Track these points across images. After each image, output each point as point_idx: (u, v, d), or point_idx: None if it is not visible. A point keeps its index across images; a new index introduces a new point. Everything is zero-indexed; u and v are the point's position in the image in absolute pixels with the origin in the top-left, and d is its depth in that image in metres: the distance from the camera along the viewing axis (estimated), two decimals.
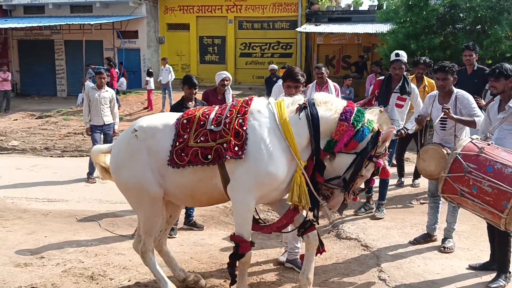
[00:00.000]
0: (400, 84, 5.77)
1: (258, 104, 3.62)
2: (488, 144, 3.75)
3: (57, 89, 21.71)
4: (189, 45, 21.14)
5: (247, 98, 3.69)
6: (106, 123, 8.01)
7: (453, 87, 4.70)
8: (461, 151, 3.70)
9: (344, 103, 3.60)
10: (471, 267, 4.32)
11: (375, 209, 5.93)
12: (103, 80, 7.97)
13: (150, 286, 4.20)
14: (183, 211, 5.46)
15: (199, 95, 5.87)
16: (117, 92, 16.66)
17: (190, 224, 5.81)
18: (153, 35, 21.06)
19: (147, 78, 16.42)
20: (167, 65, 16.12)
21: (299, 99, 3.65)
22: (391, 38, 13.42)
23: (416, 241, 4.98)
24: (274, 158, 3.40)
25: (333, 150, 3.47)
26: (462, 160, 3.65)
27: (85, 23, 18.37)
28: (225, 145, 3.42)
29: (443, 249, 4.76)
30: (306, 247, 3.82)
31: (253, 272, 4.44)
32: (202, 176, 3.55)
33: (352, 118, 3.46)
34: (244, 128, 3.44)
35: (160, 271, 3.94)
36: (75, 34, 19.33)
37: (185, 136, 3.57)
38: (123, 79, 18.22)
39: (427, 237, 5.00)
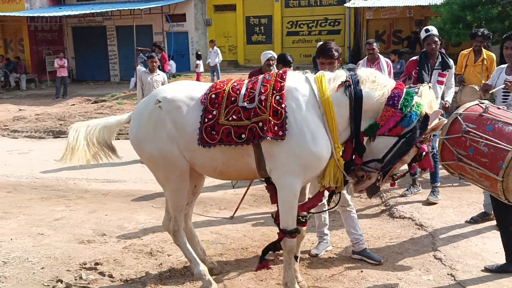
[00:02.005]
0: (440, 60, 5.57)
1: (296, 79, 3.36)
2: (498, 108, 3.42)
3: (110, 74, 22.45)
4: (235, 26, 21.17)
5: (280, 72, 3.43)
6: None
7: None
8: (463, 111, 3.42)
9: (393, 83, 3.34)
10: (487, 269, 3.91)
11: (429, 192, 5.73)
12: (154, 64, 8.16)
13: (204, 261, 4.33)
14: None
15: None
16: (168, 76, 17.04)
17: None
18: (201, 17, 21.22)
19: (197, 62, 16.61)
20: (215, 47, 16.24)
21: (342, 75, 3.36)
22: (445, 9, 12.82)
23: (473, 220, 4.84)
24: (318, 138, 3.20)
25: (375, 134, 3.27)
26: (461, 121, 3.36)
27: (135, 8, 18.78)
28: (260, 124, 3.20)
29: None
30: None
31: (280, 267, 4.11)
32: (233, 154, 3.37)
33: (400, 102, 3.20)
34: (283, 105, 3.20)
35: (192, 252, 3.80)
36: (125, 20, 19.82)
37: (214, 112, 3.34)
38: (172, 62, 18.55)
39: (484, 216, 4.84)
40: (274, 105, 3.22)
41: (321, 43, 4.41)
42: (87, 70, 22.47)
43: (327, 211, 4.43)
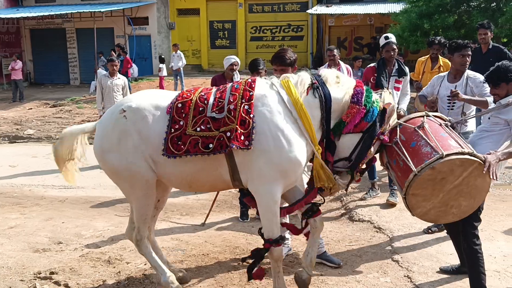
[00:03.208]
0: (396, 67, 5.75)
1: (263, 87, 3.37)
2: (440, 124, 3.45)
3: (70, 77, 21.94)
4: (199, 30, 21.11)
5: (249, 80, 3.42)
6: None
7: None
8: (404, 121, 3.51)
9: (353, 82, 3.48)
10: (442, 271, 4.01)
11: (388, 194, 5.86)
12: (115, 67, 8.00)
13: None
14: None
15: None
16: (129, 80, 16.76)
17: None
18: (164, 21, 21.04)
19: (160, 65, 16.43)
20: (178, 51, 16.11)
21: (306, 77, 3.41)
22: (403, 18, 13.25)
23: (431, 231, 4.82)
24: (294, 144, 3.22)
25: (341, 132, 3.37)
26: (398, 130, 3.46)
27: (96, 10, 18.41)
28: (228, 133, 3.18)
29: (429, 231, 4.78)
30: (311, 232, 3.69)
31: (241, 273, 4.13)
32: (203, 166, 3.32)
33: (363, 99, 3.35)
34: (251, 115, 3.20)
35: (157, 260, 3.72)
36: (86, 22, 19.43)
37: (181, 123, 3.29)
38: (134, 66, 18.27)
39: (440, 225, 4.91)
40: (243, 114, 3.21)
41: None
42: (46, 73, 21.87)
43: (287, 217, 4.46)
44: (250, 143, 3.16)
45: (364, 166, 3.60)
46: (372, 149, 3.42)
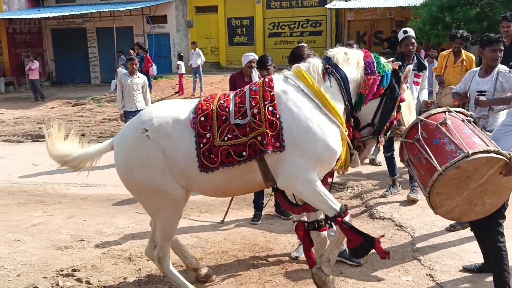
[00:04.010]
0: (415, 61, 5.68)
1: (281, 83, 3.32)
2: (463, 120, 3.36)
3: (91, 76, 22.24)
4: (217, 27, 21.14)
5: (266, 80, 3.36)
6: (138, 108, 8.07)
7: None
8: (424, 117, 3.42)
9: (361, 53, 3.43)
10: (465, 269, 3.94)
11: (409, 190, 5.78)
12: (134, 66, 8.05)
13: (185, 266, 4.28)
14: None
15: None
16: (150, 78, 16.91)
17: (280, 211, 5.56)
18: (182, 19, 21.14)
19: (178, 62, 16.52)
20: (197, 49, 16.16)
21: (318, 63, 3.36)
22: (424, 11, 13.02)
23: (453, 228, 4.74)
24: (326, 132, 3.17)
25: (363, 104, 3.36)
26: (419, 127, 3.39)
27: (115, 9, 18.60)
28: (259, 138, 3.13)
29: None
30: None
31: (260, 270, 4.14)
32: (235, 173, 3.25)
33: (375, 68, 3.34)
34: (277, 116, 3.15)
35: (180, 277, 3.67)
36: (106, 22, 19.64)
37: (208, 136, 3.21)
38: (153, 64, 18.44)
39: (464, 222, 4.82)
40: (269, 116, 3.15)
41: (304, 44, 4.37)
42: (67, 73, 22.22)
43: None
44: (281, 144, 3.13)
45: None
46: (395, 111, 3.44)
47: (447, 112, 3.39)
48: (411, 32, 5.72)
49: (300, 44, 4.53)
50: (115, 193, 6.83)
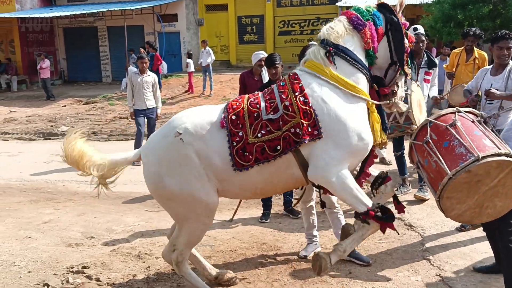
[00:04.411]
0: (425, 58, 5.66)
1: (304, 75, 3.34)
2: (473, 121, 3.31)
3: (102, 75, 22.36)
4: (227, 26, 21.12)
5: (291, 74, 3.39)
6: (148, 107, 8.15)
7: (509, 59, 4.42)
8: (434, 119, 3.38)
9: (343, 18, 3.41)
10: (476, 270, 3.91)
11: (417, 189, 5.76)
12: (144, 64, 8.10)
13: (193, 265, 4.29)
14: None
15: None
16: (160, 77, 16.98)
17: (288, 210, 5.58)
18: (192, 17, 21.17)
19: (188, 61, 16.56)
20: (207, 47, 16.18)
21: (317, 50, 3.36)
22: (436, 8, 12.88)
23: (464, 228, 4.70)
24: (354, 118, 3.18)
25: (375, 56, 3.37)
26: (428, 129, 3.34)
27: (126, 8, 18.70)
28: (292, 130, 3.12)
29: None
30: (379, 197, 3.60)
31: (268, 269, 4.14)
32: (273, 170, 3.21)
33: (362, 19, 3.34)
34: (310, 104, 3.15)
35: (200, 280, 3.63)
36: (117, 20, 19.76)
37: (240, 134, 3.19)
38: (163, 63, 18.52)
39: None
40: (302, 106, 3.15)
41: (313, 43, 4.34)
42: (79, 71, 22.38)
43: (315, 214, 4.44)
44: (319, 132, 3.12)
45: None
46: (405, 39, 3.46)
47: (456, 113, 3.34)
48: (421, 29, 5.70)
49: (309, 43, 4.52)
50: (125, 191, 6.86)
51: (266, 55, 6.12)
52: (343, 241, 3.31)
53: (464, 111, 3.40)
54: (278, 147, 3.14)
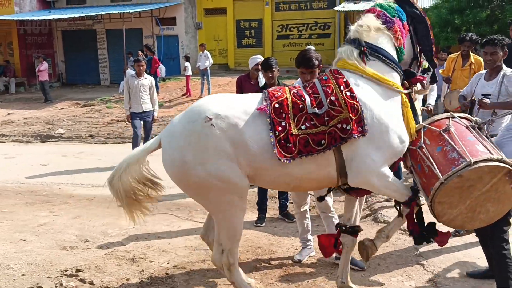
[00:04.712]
0: None
1: (345, 73, 3.25)
2: (467, 127, 3.30)
3: (100, 77, 22.42)
4: (226, 29, 21.18)
5: (332, 69, 3.32)
6: (145, 110, 8.13)
7: (503, 64, 4.43)
8: (428, 124, 3.37)
9: (371, 15, 3.38)
10: (469, 275, 3.91)
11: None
12: (141, 67, 8.09)
13: (187, 268, 4.30)
14: None
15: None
16: (157, 80, 16.98)
17: (283, 214, 5.59)
18: (191, 21, 21.22)
19: (186, 64, 16.57)
20: (205, 51, 16.21)
21: (350, 50, 3.30)
22: (434, 13, 12.95)
23: (458, 233, 4.70)
24: (395, 119, 3.18)
25: (403, 53, 3.38)
26: (422, 134, 3.33)
27: (125, 11, 18.74)
28: (339, 125, 3.04)
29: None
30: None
31: (262, 273, 4.13)
32: (313, 167, 3.11)
33: (389, 16, 3.35)
34: (357, 99, 3.09)
35: (252, 284, 3.49)
36: (115, 23, 19.80)
37: (283, 123, 3.05)
38: (161, 66, 18.54)
39: None
40: (350, 100, 3.08)
41: (311, 47, 4.35)
42: (77, 74, 22.42)
43: (309, 218, 4.45)
44: (363, 129, 3.06)
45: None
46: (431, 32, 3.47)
47: (450, 118, 3.34)
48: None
49: (307, 47, 4.52)
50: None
51: (263, 59, 6.14)
52: (385, 227, 3.42)
53: (459, 117, 3.41)
54: (323, 142, 3.05)
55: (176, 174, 3.19)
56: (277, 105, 3.10)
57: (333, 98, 3.10)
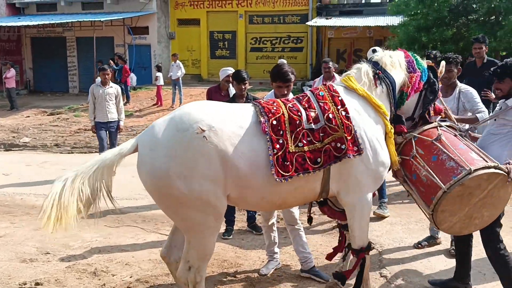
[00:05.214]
0: None
1: (341, 90, 3.31)
2: (455, 135, 3.45)
3: (69, 85, 21.99)
4: (199, 40, 21.19)
5: (327, 85, 3.34)
6: (110, 119, 7.90)
7: (457, 80, 4.65)
8: (418, 133, 3.48)
9: (401, 54, 3.54)
10: (431, 284, 3.99)
11: (377, 206, 5.85)
12: (106, 76, 7.90)
13: (151, 282, 4.21)
14: None
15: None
16: (128, 89, 16.78)
17: (252, 226, 5.54)
18: (164, 30, 21.13)
19: (157, 74, 16.45)
20: (177, 61, 16.15)
21: (367, 69, 3.41)
22: (401, 31, 13.28)
23: (421, 245, 4.78)
24: (383, 145, 3.25)
25: (404, 102, 3.46)
26: (414, 143, 3.43)
27: (96, 20, 18.51)
28: (333, 143, 3.05)
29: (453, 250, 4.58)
30: None
31: (227, 287, 4.11)
32: (302, 183, 3.06)
33: (415, 65, 3.47)
34: (351, 120, 3.13)
35: None
36: (86, 31, 19.53)
37: (281, 141, 2.97)
38: (132, 75, 18.37)
39: (431, 239, 4.83)
40: (345, 121, 3.11)
41: (283, 60, 4.40)
42: (45, 81, 21.96)
43: (276, 231, 4.44)
44: (359, 148, 3.11)
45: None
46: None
47: (439, 128, 3.45)
48: (379, 51, 5.83)
49: (280, 62, 4.56)
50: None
51: (233, 71, 6.16)
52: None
53: (445, 125, 3.54)
54: (319, 160, 3.02)
55: (155, 184, 2.96)
56: (274, 122, 3.02)
57: (330, 115, 3.12)
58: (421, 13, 12.83)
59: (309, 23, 18.46)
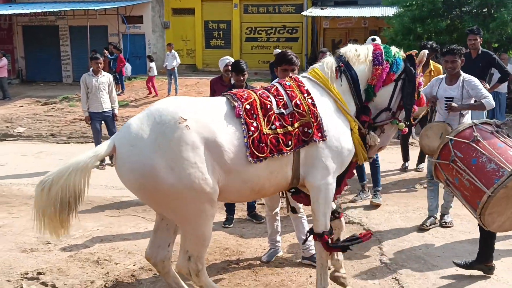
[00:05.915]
0: None
1: (307, 82, 3.44)
2: (492, 132, 3.47)
3: (62, 75, 21.76)
4: (194, 30, 21.05)
5: (293, 77, 3.49)
6: (105, 109, 7.84)
7: (460, 70, 4.78)
8: (454, 136, 3.52)
9: (371, 48, 3.56)
10: (455, 264, 4.04)
11: (371, 195, 5.93)
12: (99, 65, 7.81)
13: (154, 270, 4.23)
14: None
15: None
16: (123, 79, 16.67)
17: (252, 215, 5.57)
18: (158, 20, 20.97)
19: (150, 64, 16.27)
20: (172, 51, 16.03)
21: (331, 61, 3.50)
22: (397, 21, 13.29)
23: (425, 226, 4.98)
24: (346, 131, 3.36)
25: (373, 94, 3.48)
26: (451, 147, 3.48)
27: (90, 8, 18.32)
28: (301, 128, 3.20)
29: (444, 224, 5.00)
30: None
31: (230, 274, 4.13)
32: (277, 166, 3.18)
33: (383, 58, 3.49)
34: (316, 108, 3.27)
35: None
36: (79, 20, 19.30)
37: (255, 124, 3.10)
38: (127, 65, 18.23)
39: (432, 221, 5.06)
40: (311, 107, 3.26)
41: (278, 50, 4.44)
42: (38, 71, 21.70)
43: (279, 220, 4.49)
44: (323, 134, 3.24)
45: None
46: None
47: (474, 127, 3.47)
48: (378, 40, 5.89)
49: (276, 50, 4.57)
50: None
51: (232, 60, 6.11)
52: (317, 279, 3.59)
53: (479, 123, 3.55)
54: (290, 143, 3.17)
55: (142, 181, 2.92)
56: (248, 106, 3.16)
57: (298, 102, 3.26)
58: (416, 4, 12.84)
59: (304, 13, 18.41)
